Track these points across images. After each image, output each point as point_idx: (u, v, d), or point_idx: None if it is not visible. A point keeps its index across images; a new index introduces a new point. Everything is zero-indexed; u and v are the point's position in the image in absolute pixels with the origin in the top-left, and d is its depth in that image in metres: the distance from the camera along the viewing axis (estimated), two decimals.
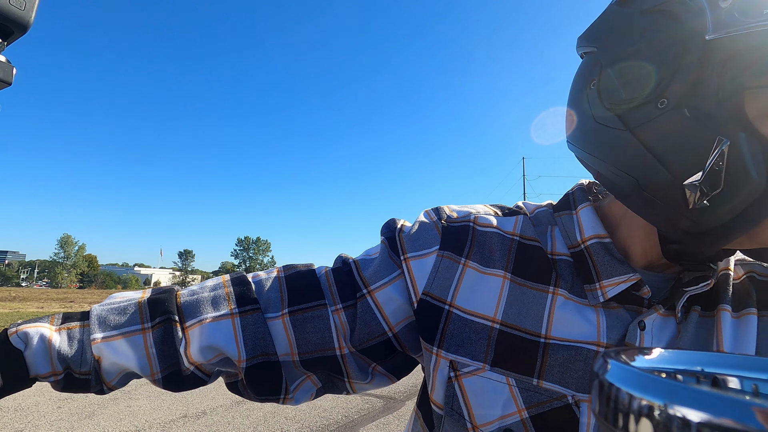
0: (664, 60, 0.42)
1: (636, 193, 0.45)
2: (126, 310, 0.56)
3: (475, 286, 0.53)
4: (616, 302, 0.50)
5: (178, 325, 0.56)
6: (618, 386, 0.16)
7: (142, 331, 0.55)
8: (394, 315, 0.55)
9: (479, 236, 0.55)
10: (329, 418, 4.54)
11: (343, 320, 0.56)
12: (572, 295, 0.51)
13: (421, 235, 0.56)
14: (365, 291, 0.56)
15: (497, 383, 0.49)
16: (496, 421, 0.49)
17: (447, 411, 0.52)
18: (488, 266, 0.54)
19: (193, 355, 0.55)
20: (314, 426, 4.30)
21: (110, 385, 0.56)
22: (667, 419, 0.15)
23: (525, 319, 0.51)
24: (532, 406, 0.48)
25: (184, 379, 0.56)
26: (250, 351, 0.55)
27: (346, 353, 0.56)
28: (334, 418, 4.54)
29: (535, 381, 0.48)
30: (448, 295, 0.53)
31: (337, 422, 4.42)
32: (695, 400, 0.15)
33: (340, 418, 4.55)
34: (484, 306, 0.52)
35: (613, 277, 0.50)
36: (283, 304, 0.57)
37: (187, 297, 0.58)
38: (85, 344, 0.54)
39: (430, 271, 0.54)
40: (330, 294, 0.57)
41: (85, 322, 0.56)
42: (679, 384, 0.15)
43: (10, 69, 0.73)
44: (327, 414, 4.65)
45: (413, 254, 0.55)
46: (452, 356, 0.52)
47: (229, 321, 0.56)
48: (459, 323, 0.52)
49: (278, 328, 0.56)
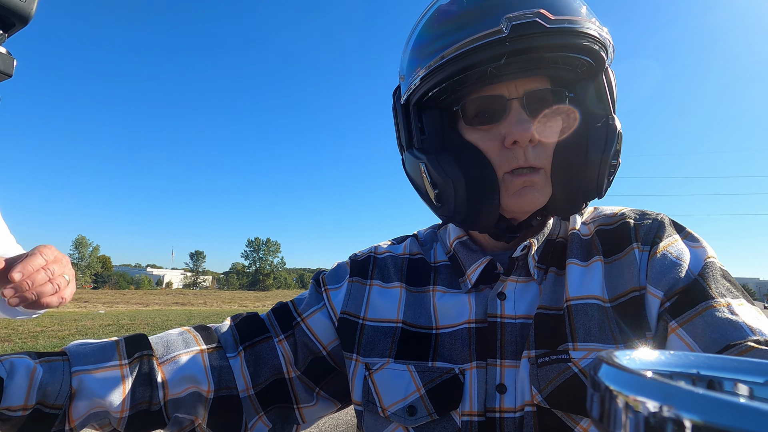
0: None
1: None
2: (103, 347, 0.62)
3: (380, 298, 0.66)
4: (484, 284, 0.62)
5: (155, 360, 0.62)
6: (611, 387, 0.16)
7: (120, 367, 0.60)
8: (325, 335, 0.67)
9: (379, 262, 0.70)
10: (338, 418, 4.55)
11: (287, 348, 0.67)
12: (450, 288, 0.64)
13: (337, 272, 0.72)
14: (299, 319, 0.68)
15: (399, 371, 0.60)
16: (400, 401, 0.58)
17: (364, 404, 0.62)
18: (388, 282, 0.68)
19: (169, 385, 0.61)
20: (322, 427, 4.32)
21: (74, 424, 0.58)
22: (662, 421, 0.15)
23: (419, 318, 0.63)
24: (427, 383, 0.58)
25: (148, 417, 0.61)
26: (216, 383, 0.64)
27: (294, 377, 0.66)
28: (342, 419, 4.55)
29: (429, 363, 0.59)
30: (361, 311, 0.66)
31: (345, 422, 4.43)
32: (690, 402, 0.15)
33: (348, 418, 4.56)
34: (389, 312, 0.65)
35: (472, 265, 0.63)
36: (237, 344, 0.67)
37: (158, 339, 0.66)
38: (65, 376, 0.57)
39: (344, 296, 0.68)
40: (272, 328, 0.68)
41: (64, 356, 0.59)
42: (673, 386, 0.15)
43: (11, 61, 0.74)
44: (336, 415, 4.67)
45: (331, 287, 0.70)
46: (366, 359, 0.62)
47: (199, 355, 0.64)
48: (371, 332, 0.64)
49: (237, 364, 0.65)
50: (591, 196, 0.58)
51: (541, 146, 0.56)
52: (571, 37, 0.52)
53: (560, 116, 0.58)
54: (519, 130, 0.54)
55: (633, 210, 0.63)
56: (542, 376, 0.53)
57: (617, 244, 0.59)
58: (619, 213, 0.63)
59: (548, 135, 0.56)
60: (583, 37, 0.53)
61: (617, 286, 0.56)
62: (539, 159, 0.56)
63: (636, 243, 0.57)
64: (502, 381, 0.56)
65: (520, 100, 0.55)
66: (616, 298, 0.55)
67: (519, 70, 0.54)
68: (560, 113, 0.58)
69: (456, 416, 0.56)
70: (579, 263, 0.59)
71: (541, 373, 0.53)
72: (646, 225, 0.59)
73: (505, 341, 0.57)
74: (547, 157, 0.56)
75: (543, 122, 0.56)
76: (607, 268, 0.58)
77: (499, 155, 0.56)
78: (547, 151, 0.56)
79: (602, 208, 0.67)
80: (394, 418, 0.58)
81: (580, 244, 0.61)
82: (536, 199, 0.57)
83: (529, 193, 0.56)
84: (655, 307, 0.53)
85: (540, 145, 0.56)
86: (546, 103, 0.56)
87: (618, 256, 0.58)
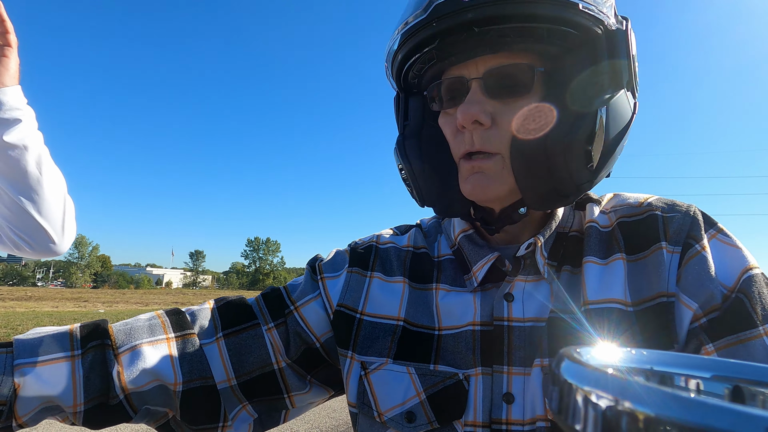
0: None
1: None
2: (54, 338, 0.56)
3: (381, 292, 0.61)
4: (491, 283, 0.57)
5: (111, 350, 0.56)
6: (570, 382, 0.16)
7: (70, 358, 0.55)
8: (318, 327, 0.62)
9: (381, 252, 0.65)
10: (338, 418, 4.56)
11: (276, 338, 0.61)
12: (454, 286, 0.58)
13: (335, 260, 0.66)
14: (292, 308, 0.63)
15: (398, 373, 0.55)
16: (398, 406, 0.54)
17: (359, 406, 0.57)
18: (390, 275, 0.62)
19: (127, 379, 0.55)
20: (323, 426, 4.32)
21: (21, 420, 0.53)
22: (617, 414, 0.16)
23: (422, 317, 0.58)
24: (428, 388, 0.53)
25: (108, 411, 0.56)
26: (186, 374, 0.57)
27: (284, 366, 0.61)
28: (343, 419, 4.56)
29: (431, 367, 0.54)
30: (359, 305, 0.61)
31: (346, 422, 4.43)
32: (643, 396, 0.16)
33: (348, 419, 4.57)
34: (390, 308, 0.60)
35: (478, 262, 0.57)
36: (217, 330, 0.61)
37: (121, 326, 0.60)
38: (5, 370, 0.52)
39: (342, 286, 0.63)
40: (261, 315, 0.62)
41: (9, 349, 0.54)
42: (628, 381, 0.16)
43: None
44: (336, 414, 4.68)
45: (328, 275, 0.64)
46: (363, 357, 0.58)
47: (165, 345, 0.58)
48: (369, 328, 0.59)
49: (214, 352, 0.60)
50: (567, 187, 0.50)
51: (496, 129, 0.50)
52: (503, 6, 0.46)
53: (529, 96, 0.50)
54: (461, 113, 0.50)
55: (660, 199, 0.56)
56: None
57: (643, 239, 0.53)
58: (645, 203, 0.56)
59: (505, 117, 0.50)
60: (523, 4, 0.47)
61: (642, 289, 0.50)
62: (490, 143, 0.50)
63: (664, 242, 0.51)
64: (509, 390, 0.51)
65: (479, 80, 0.50)
66: (640, 302, 0.50)
67: (469, 48, 0.50)
68: (528, 92, 0.50)
69: (459, 426, 0.51)
70: (597, 261, 0.53)
71: None
72: (677, 220, 0.52)
73: (513, 346, 0.52)
74: (502, 141, 0.50)
75: (505, 103, 0.50)
76: (630, 267, 0.52)
77: (455, 140, 0.54)
78: (504, 134, 0.50)
79: (625, 195, 0.59)
80: (391, 424, 0.54)
81: (598, 238, 0.55)
82: (486, 186, 0.52)
83: (477, 179, 0.52)
84: (687, 319, 0.48)
85: (495, 128, 0.50)
86: (509, 81, 0.50)
87: (643, 254, 0.52)
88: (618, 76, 0.50)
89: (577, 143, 0.48)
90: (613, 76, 0.50)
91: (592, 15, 0.48)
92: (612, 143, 0.50)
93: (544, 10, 0.47)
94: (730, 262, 0.49)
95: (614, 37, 0.50)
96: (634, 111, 0.52)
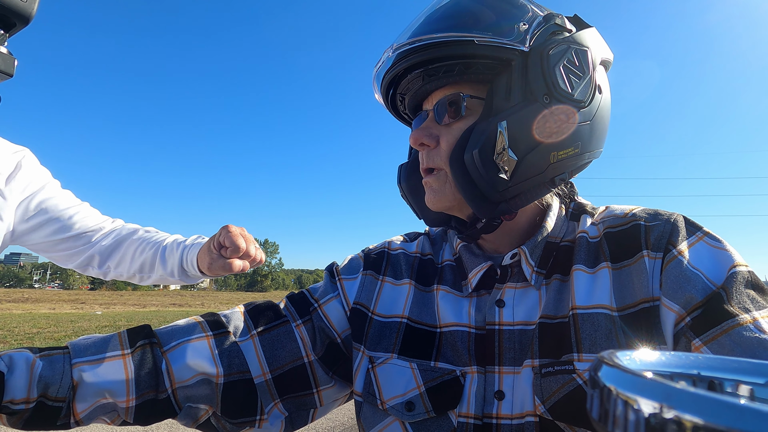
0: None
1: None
2: (105, 339, 0.62)
3: (390, 295, 0.68)
4: (484, 289, 0.62)
5: (158, 348, 0.63)
6: (612, 387, 0.16)
7: (122, 356, 0.60)
8: (339, 323, 0.69)
9: (392, 258, 0.72)
10: (335, 420, 4.54)
11: (304, 333, 0.68)
12: (453, 289, 0.65)
13: (350, 265, 0.74)
14: (316, 305, 0.70)
15: (402, 367, 0.61)
16: (399, 396, 0.60)
17: (364, 396, 0.63)
18: (399, 279, 0.70)
19: (175, 373, 0.62)
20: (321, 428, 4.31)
21: (79, 417, 0.58)
22: (662, 422, 0.15)
23: (424, 315, 0.64)
24: (428, 381, 0.59)
25: (156, 406, 0.61)
26: (226, 368, 0.63)
27: (313, 360, 0.67)
28: (340, 420, 4.54)
29: (432, 363, 0.60)
30: (371, 305, 0.68)
31: (343, 424, 4.42)
32: (691, 403, 0.15)
33: (346, 420, 4.56)
34: (396, 308, 0.67)
35: (473, 270, 0.63)
36: (250, 328, 0.67)
37: (162, 329, 0.67)
38: (65, 368, 0.57)
39: (357, 287, 0.70)
40: (290, 313, 0.70)
41: (65, 350, 0.60)
42: (674, 387, 0.15)
43: (12, 61, 0.74)
44: (333, 416, 4.66)
45: (346, 277, 0.72)
46: (371, 352, 0.64)
47: (205, 342, 0.64)
48: (378, 326, 0.66)
49: (249, 348, 0.66)
50: (492, 195, 0.56)
51: (439, 149, 0.59)
52: (425, 52, 0.57)
53: (465, 119, 0.59)
54: (411, 137, 0.61)
55: (645, 210, 0.60)
56: (546, 386, 0.52)
57: (626, 248, 0.57)
58: (630, 213, 0.60)
59: (444, 138, 0.59)
60: (436, 47, 0.56)
61: (626, 295, 0.54)
62: (433, 161, 0.60)
63: (646, 250, 0.55)
64: (500, 387, 0.56)
65: (432, 110, 0.61)
66: (624, 308, 0.53)
67: (426, 84, 0.60)
68: (460, 116, 0.59)
69: (453, 416, 0.57)
70: (586, 270, 0.58)
71: (544, 383, 0.53)
72: (658, 228, 0.56)
73: (503, 348, 0.57)
74: (442, 158, 0.59)
75: (446, 126, 0.60)
76: (615, 275, 0.56)
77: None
78: (443, 153, 0.59)
79: (614, 207, 0.64)
80: (392, 411, 0.60)
81: (587, 248, 0.60)
82: (434, 198, 0.61)
83: (429, 193, 0.62)
84: (670, 321, 0.51)
85: (439, 148, 0.59)
86: (447, 108, 0.59)
87: (627, 263, 0.56)
88: (531, 91, 0.55)
89: (483, 154, 0.54)
90: (525, 92, 0.55)
91: (491, 45, 0.55)
92: (523, 151, 0.55)
93: (447, 51, 0.56)
94: (717, 263, 0.53)
95: (527, 58, 0.55)
96: (567, 117, 0.56)
